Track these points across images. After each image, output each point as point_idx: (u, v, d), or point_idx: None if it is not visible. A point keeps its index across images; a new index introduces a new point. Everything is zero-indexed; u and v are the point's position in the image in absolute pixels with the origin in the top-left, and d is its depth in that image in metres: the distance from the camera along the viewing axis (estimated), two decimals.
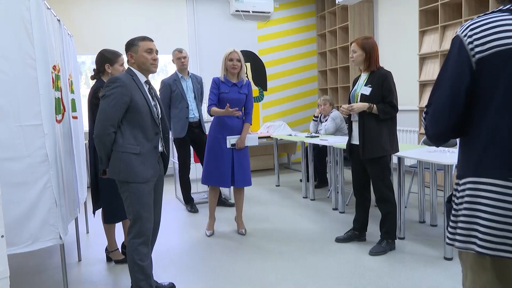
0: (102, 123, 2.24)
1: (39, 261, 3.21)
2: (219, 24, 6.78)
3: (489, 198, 1.18)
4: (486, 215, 1.18)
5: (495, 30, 1.16)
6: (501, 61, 1.15)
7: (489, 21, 1.17)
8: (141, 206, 2.31)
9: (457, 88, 1.22)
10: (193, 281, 2.77)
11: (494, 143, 1.19)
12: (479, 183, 1.21)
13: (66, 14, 5.78)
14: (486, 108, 1.20)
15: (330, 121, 5.15)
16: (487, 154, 1.20)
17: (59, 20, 2.92)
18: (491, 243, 1.17)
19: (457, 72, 1.22)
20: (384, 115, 2.95)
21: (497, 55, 1.15)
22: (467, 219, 1.23)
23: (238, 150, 3.53)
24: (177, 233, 3.81)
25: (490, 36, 1.16)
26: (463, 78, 1.21)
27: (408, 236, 3.43)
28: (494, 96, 1.18)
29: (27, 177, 2.28)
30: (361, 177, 3.22)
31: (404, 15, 5.82)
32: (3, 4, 2.18)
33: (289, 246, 3.34)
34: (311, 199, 4.77)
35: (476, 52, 1.18)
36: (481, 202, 1.20)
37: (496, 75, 1.16)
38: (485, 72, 1.18)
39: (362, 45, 3.00)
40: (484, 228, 1.18)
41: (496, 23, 1.16)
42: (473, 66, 1.19)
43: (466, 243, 1.23)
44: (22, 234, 2.30)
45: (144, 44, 2.35)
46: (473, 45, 1.18)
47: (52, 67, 2.43)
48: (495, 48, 1.15)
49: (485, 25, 1.17)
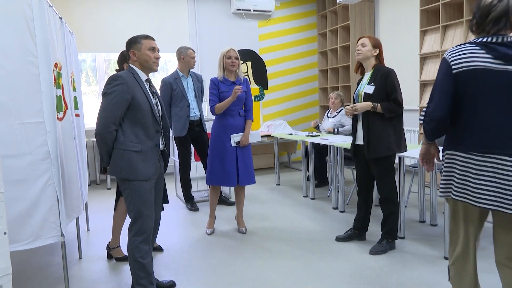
0: (104, 120, 2.25)
1: (40, 258, 3.21)
2: (220, 23, 6.78)
3: (458, 165, 1.83)
4: (457, 175, 1.83)
5: (464, 56, 1.77)
6: (466, 77, 1.76)
7: (462, 50, 1.78)
8: (142, 203, 2.32)
9: (446, 90, 1.81)
10: (193, 279, 2.78)
11: (462, 130, 1.82)
12: (452, 154, 1.86)
13: (68, 12, 5.78)
14: (459, 108, 1.82)
15: (338, 117, 5.16)
16: (457, 137, 1.84)
17: (60, 18, 2.92)
18: (459, 193, 1.82)
19: (444, 78, 1.82)
20: (389, 113, 2.93)
21: (464, 72, 1.76)
22: (447, 177, 1.89)
23: (242, 148, 3.53)
24: (177, 231, 3.82)
25: (461, 59, 1.77)
26: (449, 83, 1.80)
27: (408, 235, 3.43)
28: (463, 99, 1.80)
29: (28, 174, 2.29)
30: (365, 177, 3.22)
31: (405, 14, 5.82)
32: (6, 2, 2.18)
33: (289, 245, 3.34)
34: (312, 198, 4.78)
35: (453, 69, 1.79)
36: (454, 167, 1.85)
37: (464, 85, 1.77)
38: (458, 83, 1.79)
39: (375, 42, 3.02)
40: (455, 183, 1.83)
41: (466, 51, 1.77)
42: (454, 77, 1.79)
43: (446, 192, 1.90)
44: (23, 232, 2.31)
45: (147, 43, 2.37)
46: (452, 64, 1.79)
47: (53, 65, 2.43)
48: (463, 68, 1.76)
49: (459, 52, 1.79)
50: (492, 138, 1.72)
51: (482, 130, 1.75)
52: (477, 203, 1.75)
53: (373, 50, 3.01)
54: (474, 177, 1.76)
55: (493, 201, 1.72)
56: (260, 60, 7.12)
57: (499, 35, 1.73)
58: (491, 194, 1.72)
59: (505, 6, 1.72)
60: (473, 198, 1.77)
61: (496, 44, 1.72)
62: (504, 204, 1.70)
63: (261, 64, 7.13)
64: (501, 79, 1.70)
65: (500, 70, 1.70)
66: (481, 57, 1.73)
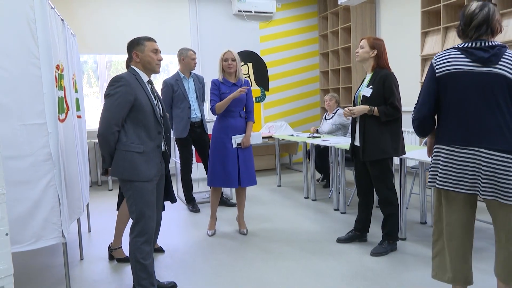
0: (107, 121, 2.25)
1: (41, 259, 3.22)
2: (221, 24, 6.79)
3: (442, 157, 2.02)
4: (441, 165, 2.02)
5: (447, 60, 1.99)
6: (448, 79, 1.98)
7: (445, 55, 2.00)
8: (145, 204, 2.32)
9: (429, 91, 2.05)
10: (194, 281, 2.78)
11: (445, 127, 2.03)
12: (438, 148, 2.06)
13: (69, 14, 5.80)
14: (441, 107, 2.05)
15: (336, 117, 5.17)
16: (441, 132, 2.05)
17: (62, 20, 2.93)
18: (441, 181, 2.01)
19: (429, 81, 2.05)
20: (386, 117, 2.93)
21: (446, 75, 1.98)
22: (433, 169, 2.08)
23: (243, 149, 3.54)
24: (178, 232, 3.82)
25: (443, 63, 1.99)
26: (433, 85, 2.04)
27: (409, 237, 3.43)
28: (445, 99, 2.01)
29: (30, 175, 2.30)
30: (364, 178, 3.22)
31: (407, 16, 5.82)
32: (8, 3, 2.19)
33: (290, 246, 3.34)
34: (313, 200, 4.78)
35: (437, 72, 2.02)
36: (439, 159, 2.04)
37: (445, 87, 2.00)
38: (441, 84, 2.01)
39: (372, 43, 3.00)
40: (439, 173, 2.03)
41: (448, 56, 1.99)
42: (437, 80, 2.02)
43: (432, 182, 2.08)
44: (25, 233, 2.31)
45: (150, 44, 2.39)
46: (436, 67, 2.02)
47: (55, 67, 2.44)
48: (445, 71, 1.98)
49: (442, 57, 2.01)
50: (470, 133, 1.93)
51: (462, 126, 1.96)
52: (459, 189, 1.97)
53: (371, 51, 3.00)
54: (456, 167, 1.96)
55: (472, 187, 1.94)
56: (261, 62, 7.13)
57: (479, 40, 1.93)
58: (470, 180, 1.94)
59: (486, 14, 1.92)
60: (454, 185, 1.98)
61: (474, 48, 1.92)
62: (481, 189, 1.92)
63: (262, 65, 7.14)
64: (478, 80, 1.90)
65: (476, 72, 1.90)
66: (460, 61, 1.95)
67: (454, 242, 2.04)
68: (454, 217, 2.03)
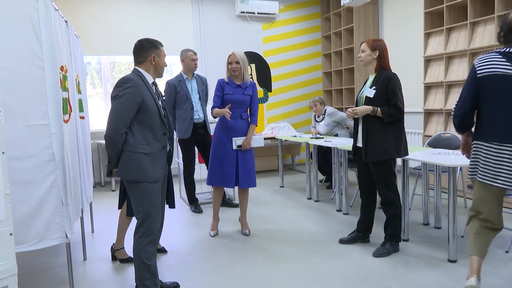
0: (115, 123, 2.26)
1: (45, 260, 3.24)
2: (224, 25, 6.81)
3: (482, 152, 2.27)
4: (481, 161, 2.27)
5: (488, 63, 2.21)
6: (487, 80, 2.20)
7: (487, 58, 2.23)
8: (151, 205, 2.33)
9: (470, 90, 2.28)
10: (196, 281, 2.79)
11: (484, 124, 2.26)
12: (477, 144, 2.29)
13: (73, 15, 5.83)
14: (481, 106, 2.27)
15: (327, 118, 5.17)
16: (481, 130, 2.28)
17: (66, 21, 2.95)
18: (482, 175, 2.26)
19: (470, 82, 2.28)
20: (389, 118, 2.93)
21: (486, 76, 2.21)
22: (473, 163, 2.33)
23: (244, 151, 3.54)
24: (181, 233, 3.83)
25: (484, 65, 2.23)
26: (473, 85, 2.27)
27: (412, 238, 3.42)
28: (484, 99, 2.24)
29: (34, 176, 2.31)
30: (367, 179, 3.21)
31: (409, 17, 5.82)
32: (12, 5, 2.21)
33: (292, 247, 3.35)
34: (315, 200, 4.78)
35: (478, 73, 2.24)
36: (479, 154, 2.28)
37: (485, 87, 2.22)
38: (481, 85, 2.24)
39: (372, 45, 3.00)
40: (480, 167, 2.28)
41: (489, 59, 2.22)
42: (477, 80, 2.24)
43: (473, 175, 2.33)
44: (28, 233, 2.33)
45: (163, 50, 2.48)
46: (477, 69, 2.25)
47: (59, 68, 2.46)
48: (485, 72, 2.21)
49: (484, 60, 2.24)
50: (507, 130, 2.16)
51: (499, 124, 2.18)
52: (496, 183, 2.21)
53: (372, 53, 3.00)
54: (494, 162, 2.21)
55: (508, 181, 2.17)
56: (264, 63, 7.14)
57: None
58: (506, 175, 2.17)
59: None
60: (492, 179, 2.23)
61: None
62: None
63: (265, 66, 7.15)
64: None
65: None
66: (501, 64, 2.17)
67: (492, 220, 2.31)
68: (492, 204, 2.29)
